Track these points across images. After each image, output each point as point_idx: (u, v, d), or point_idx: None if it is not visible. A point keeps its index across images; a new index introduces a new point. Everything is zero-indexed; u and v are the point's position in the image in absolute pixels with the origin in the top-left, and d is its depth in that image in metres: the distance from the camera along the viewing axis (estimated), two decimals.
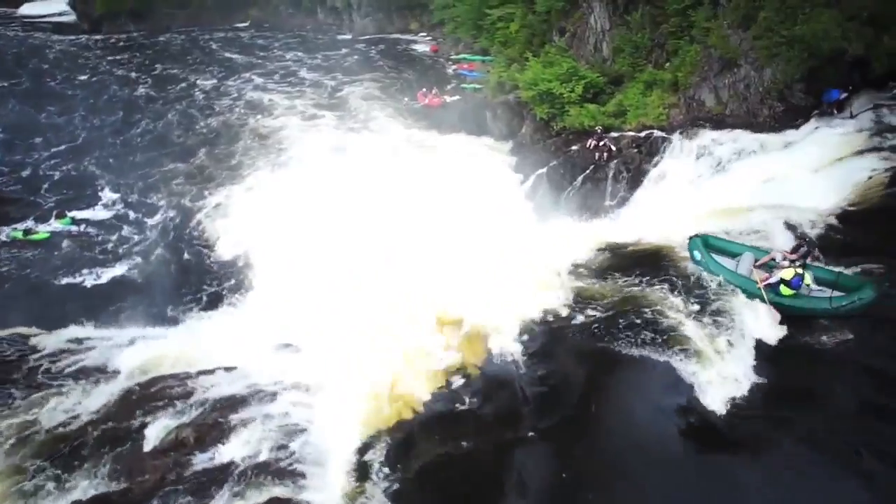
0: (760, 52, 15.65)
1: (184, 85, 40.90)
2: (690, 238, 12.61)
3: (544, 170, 19.14)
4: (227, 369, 11.86)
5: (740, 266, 11.88)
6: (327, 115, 31.94)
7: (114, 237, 19.61)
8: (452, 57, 36.69)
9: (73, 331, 13.67)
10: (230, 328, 13.78)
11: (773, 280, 10.89)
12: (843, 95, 14.52)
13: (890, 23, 13.84)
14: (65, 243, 19.04)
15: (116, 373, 12.12)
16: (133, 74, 44.76)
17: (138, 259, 18.10)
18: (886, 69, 14.37)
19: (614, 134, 18.74)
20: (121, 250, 18.80)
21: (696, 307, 11.48)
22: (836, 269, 11.25)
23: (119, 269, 17.50)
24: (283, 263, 17.79)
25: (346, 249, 17.74)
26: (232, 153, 27.72)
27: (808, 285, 10.76)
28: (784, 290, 10.77)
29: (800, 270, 10.66)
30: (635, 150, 17.58)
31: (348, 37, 48.85)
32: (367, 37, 47.38)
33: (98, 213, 21.47)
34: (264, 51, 49.60)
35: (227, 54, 49.36)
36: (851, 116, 14.44)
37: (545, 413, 10.20)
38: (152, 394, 11.40)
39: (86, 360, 12.56)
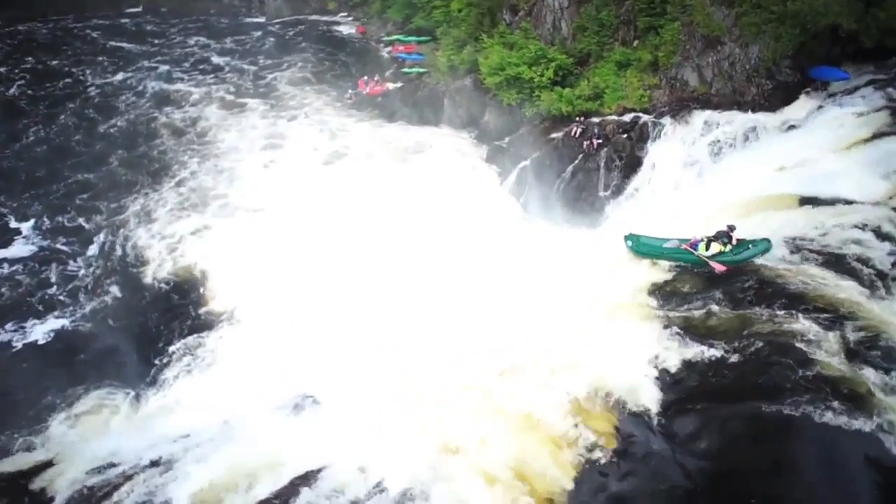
0: (748, 28, 15.21)
1: (69, 80, 35.47)
2: (625, 236, 14.14)
3: (528, 162, 17.88)
4: (303, 478, 9.32)
5: (666, 245, 13.65)
6: (253, 103, 29.02)
7: (42, 279, 15.83)
8: (384, 38, 34.27)
9: (79, 453, 10.39)
10: (238, 389, 11.40)
11: (696, 243, 12.95)
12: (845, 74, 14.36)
13: None
14: None
15: None
16: (1, 70, 38.35)
17: (85, 307, 14.65)
18: (875, 43, 14.38)
19: (595, 119, 17.81)
20: (63, 295, 15.11)
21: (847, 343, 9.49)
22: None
23: (61, 321, 14.01)
24: (245, 279, 15.56)
25: (323, 268, 15.76)
26: (150, 155, 24.44)
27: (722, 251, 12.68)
28: (701, 248, 12.82)
29: (723, 247, 12.61)
30: (624, 137, 16.70)
31: (261, 20, 44.63)
32: (282, 19, 43.46)
33: (15, 249, 17.41)
34: (160, 38, 44.24)
35: (115, 43, 43.52)
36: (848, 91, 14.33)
37: (719, 496, 8.17)
38: None
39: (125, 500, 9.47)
